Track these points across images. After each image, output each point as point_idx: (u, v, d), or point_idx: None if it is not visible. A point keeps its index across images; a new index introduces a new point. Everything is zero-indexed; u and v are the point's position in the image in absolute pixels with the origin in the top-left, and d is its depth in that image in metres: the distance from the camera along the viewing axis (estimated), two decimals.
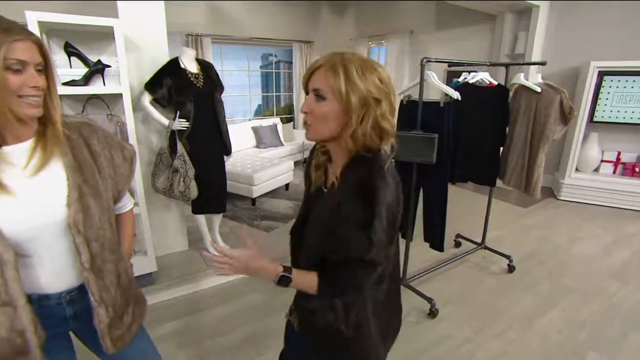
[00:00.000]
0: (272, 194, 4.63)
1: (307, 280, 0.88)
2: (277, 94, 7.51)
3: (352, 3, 7.00)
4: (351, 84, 0.78)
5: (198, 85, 2.44)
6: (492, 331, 2.26)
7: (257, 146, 5.76)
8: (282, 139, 5.98)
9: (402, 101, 2.39)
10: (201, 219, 2.77)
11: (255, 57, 7.16)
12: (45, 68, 0.84)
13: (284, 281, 0.88)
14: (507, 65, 2.73)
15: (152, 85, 2.37)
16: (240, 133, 5.55)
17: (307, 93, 0.85)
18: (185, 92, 2.38)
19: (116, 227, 1.06)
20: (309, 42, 6.93)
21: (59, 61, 2.14)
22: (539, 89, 2.49)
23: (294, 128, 6.70)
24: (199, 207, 2.65)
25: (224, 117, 2.62)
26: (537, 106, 2.52)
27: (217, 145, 2.61)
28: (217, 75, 2.61)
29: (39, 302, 0.92)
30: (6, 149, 0.84)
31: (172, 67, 2.39)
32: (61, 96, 2.20)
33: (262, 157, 4.99)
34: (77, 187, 0.89)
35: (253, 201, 4.29)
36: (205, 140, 2.51)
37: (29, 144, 0.87)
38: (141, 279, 2.41)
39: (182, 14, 5.57)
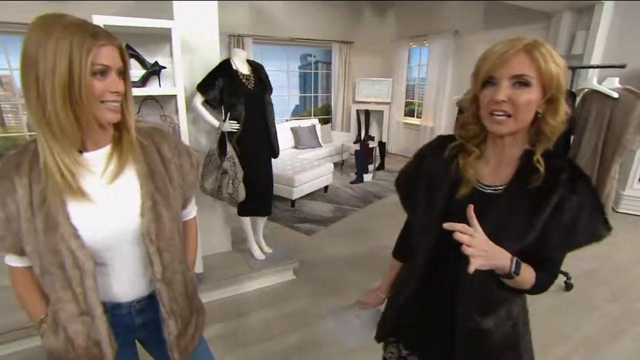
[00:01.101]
0: (311, 196, 4.59)
1: (528, 272, 0.79)
2: (315, 94, 7.48)
3: (394, 3, 6.84)
4: (558, 69, 0.74)
5: (249, 86, 2.42)
6: (555, 355, 2.08)
7: (295, 147, 5.75)
8: (320, 140, 5.92)
9: (459, 107, 2.25)
10: (246, 220, 2.75)
11: (295, 57, 7.16)
12: (123, 72, 0.82)
13: (518, 267, 0.76)
14: (573, 69, 2.52)
15: (204, 87, 2.37)
16: (279, 133, 5.54)
17: (483, 83, 0.78)
18: (236, 93, 2.37)
19: (182, 236, 1.03)
20: (349, 43, 6.84)
21: None
22: (616, 95, 2.26)
23: (332, 129, 6.62)
24: (245, 209, 2.63)
25: (273, 118, 2.59)
26: (612, 113, 2.29)
27: (265, 148, 2.59)
28: (267, 76, 2.58)
29: (112, 311, 0.91)
30: (87, 155, 0.82)
31: (224, 68, 2.38)
32: None
33: (302, 158, 4.96)
34: (150, 195, 0.87)
35: (292, 203, 4.26)
36: (254, 142, 2.49)
37: (106, 150, 0.85)
38: None
39: (225, 15, 5.62)
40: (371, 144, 5.60)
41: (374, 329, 1.13)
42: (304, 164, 4.60)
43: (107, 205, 0.83)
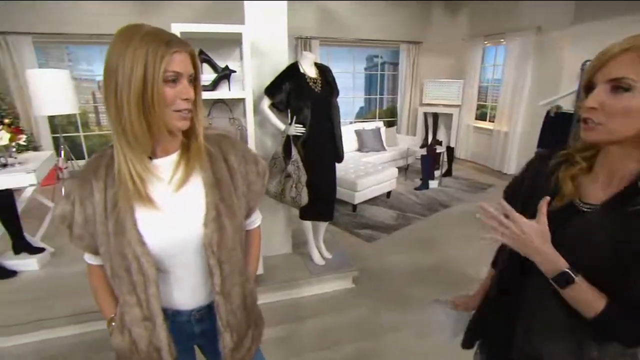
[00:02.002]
0: (374, 201, 4.46)
1: (592, 296, 0.69)
2: (380, 96, 7.31)
3: (469, 2, 6.42)
4: None
5: (316, 90, 2.38)
6: None
7: (359, 150, 5.65)
8: (384, 144, 5.76)
9: (547, 113, 1.99)
10: (307, 224, 2.73)
11: (360, 58, 7.07)
12: (194, 79, 0.80)
13: (564, 278, 0.69)
14: None
15: (271, 90, 2.38)
16: (342, 136, 5.49)
17: (587, 88, 0.69)
18: (303, 97, 2.35)
19: (245, 247, 1.01)
20: (418, 43, 6.58)
21: None
22: None
23: (397, 132, 6.41)
24: (307, 213, 2.61)
25: (339, 122, 2.53)
26: None
27: (330, 152, 2.54)
28: (334, 79, 2.52)
29: (173, 318, 0.91)
30: (156, 161, 0.83)
31: (292, 71, 2.37)
32: None
33: (365, 162, 4.85)
34: (215, 205, 0.85)
35: (354, 207, 4.18)
36: (319, 146, 2.45)
37: (174, 157, 0.85)
38: None
39: (292, 17, 5.72)
40: (438, 149, 5.30)
41: (460, 333, 1.09)
42: (367, 167, 4.49)
43: (172, 213, 0.82)
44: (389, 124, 6.77)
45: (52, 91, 3.70)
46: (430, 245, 3.41)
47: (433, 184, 5.09)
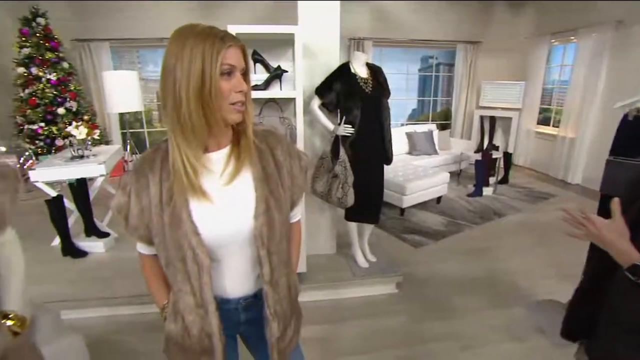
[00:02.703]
0: (423, 206, 4.33)
1: None
2: (434, 98, 7.08)
3: None
4: None
5: (367, 90, 2.37)
6: None
7: (409, 152, 5.51)
8: (437, 147, 5.57)
9: (625, 116, 1.80)
10: (352, 226, 2.71)
11: (414, 59, 6.90)
12: (245, 73, 0.83)
13: (637, 270, 0.78)
14: None
15: (322, 90, 2.40)
16: (393, 137, 5.40)
17: None
18: (353, 97, 2.34)
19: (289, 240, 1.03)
20: (476, 43, 6.28)
21: None
22: None
23: (450, 136, 6.17)
24: (352, 214, 2.59)
25: (389, 124, 2.49)
26: None
27: (379, 154, 2.50)
28: (386, 79, 2.49)
29: (221, 305, 0.93)
30: (209, 155, 0.86)
31: (343, 72, 2.37)
32: None
33: (415, 165, 4.72)
34: (265, 199, 0.87)
35: (402, 211, 4.08)
36: (368, 147, 2.43)
37: (226, 151, 0.88)
38: None
39: (346, 18, 5.71)
40: (495, 154, 5.02)
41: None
42: (417, 171, 4.37)
43: (223, 206, 0.85)
44: (442, 127, 6.53)
45: (123, 91, 4.05)
46: (481, 255, 3.24)
47: (487, 191, 4.82)
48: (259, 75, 2.35)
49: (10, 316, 0.84)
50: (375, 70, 2.46)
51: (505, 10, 6.27)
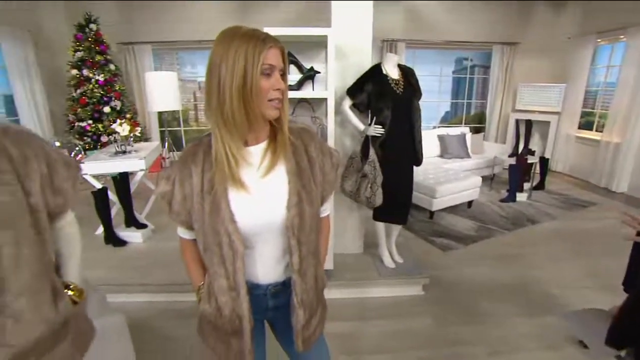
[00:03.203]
0: (453, 209, 4.26)
1: None
2: (468, 101, 6.93)
3: None
4: None
5: (397, 91, 2.38)
6: None
7: (441, 155, 5.43)
8: (469, 151, 5.45)
9: None
10: (380, 226, 2.73)
11: (448, 61, 6.79)
12: (284, 72, 0.89)
13: None
14: None
15: (353, 91, 2.44)
16: (424, 140, 5.32)
17: None
18: (384, 98, 2.36)
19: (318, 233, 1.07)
20: (513, 44, 6.09)
21: None
22: None
23: (484, 140, 6.02)
24: (380, 214, 2.61)
25: (420, 125, 2.49)
26: None
27: (409, 155, 2.50)
28: (417, 81, 2.49)
29: (252, 289, 0.99)
30: (248, 149, 0.92)
31: (374, 73, 2.40)
32: None
33: (446, 168, 4.65)
34: (297, 192, 0.92)
35: (431, 214, 4.04)
36: (398, 148, 2.44)
37: (263, 146, 0.94)
38: None
39: (379, 20, 5.73)
40: (530, 159, 4.85)
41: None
42: (448, 174, 4.31)
43: (259, 197, 0.91)
44: (476, 131, 6.38)
45: (163, 91, 4.25)
46: (512, 262, 3.15)
47: (521, 196, 4.67)
48: (292, 76, 2.42)
49: (70, 287, 0.94)
50: (406, 72, 2.46)
51: (546, 10, 6.05)
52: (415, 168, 2.59)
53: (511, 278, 2.89)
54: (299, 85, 2.34)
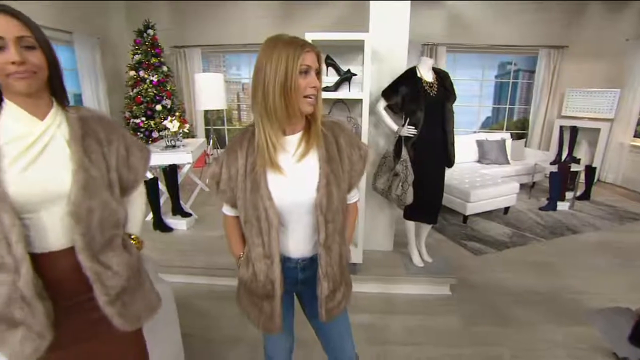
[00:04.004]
0: (488, 215, 4.20)
1: None
2: (511, 106, 6.73)
3: None
4: None
5: (431, 94, 2.44)
6: None
7: (478, 161, 5.35)
8: (509, 157, 5.32)
9: None
10: (410, 225, 2.79)
11: (491, 65, 6.64)
12: (318, 73, 1.03)
13: None
14: None
15: (388, 93, 2.53)
16: (462, 145, 5.29)
17: None
18: (417, 100, 2.43)
19: (345, 215, 1.19)
20: (562, 48, 5.86)
21: None
22: None
23: (525, 146, 5.84)
24: (411, 213, 2.68)
25: (453, 127, 2.53)
26: None
27: (441, 156, 2.55)
28: (452, 84, 2.53)
29: (284, 262, 1.13)
30: (286, 137, 1.07)
31: (409, 76, 2.47)
32: None
33: (483, 173, 4.58)
34: (326, 176, 1.05)
35: (465, 218, 4.01)
36: (430, 149, 2.49)
37: (299, 135, 1.08)
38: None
39: (420, 24, 5.76)
40: (574, 167, 4.66)
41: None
42: (484, 179, 4.25)
43: (293, 179, 1.06)
44: (518, 137, 6.20)
45: (210, 91, 4.55)
46: (547, 270, 3.08)
47: (563, 205, 4.50)
48: (331, 77, 2.56)
49: (132, 237, 1.14)
50: (441, 75, 2.52)
51: (601, 12, 5.75)
52: (450, 172, 2.63)
53: (544, 286, 2.83)
54: (336, 87, 2.47)
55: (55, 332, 0.93)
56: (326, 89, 2.46)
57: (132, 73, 5.45)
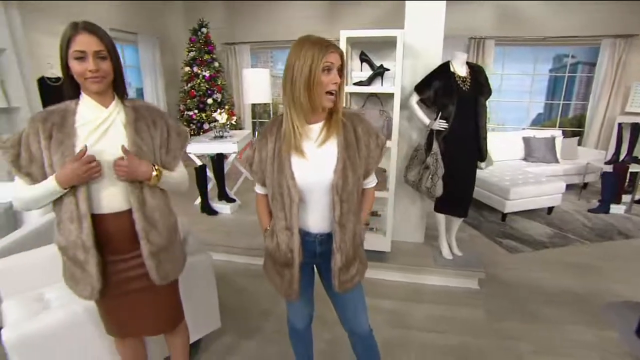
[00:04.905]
0: (529, 214, 4.07)
1: None
2: (566, 102, 6.33)
3: None
4: None
5: (464, 88, 2.46)
6: None
7: (524, 158, 5.15)
8: (558, 155, 5.06)
9: None
10: (440, 218, 2.83)
11: (545, 58, 6.28)
12: (341, 70, 1.16)
13: None
14: None
15: (420, 87, 2.58)
16: (507, 141, 5.12)
17: None
18: (449, 94, 2.46)
19: (360, 198, 1.33)
20: (629, 37, 5.39)
21: (354, 66, 2.70)
22: None
23: (579, 144, 5.50)
24: (440, 206, 2.72)
25: (485, 122, 2.53)
26: None
27: (472, 150, 2.56)
28: (487, 79, 2.53)
29: (304, 236, 1.29)
30: (309, 126, 1.22)
31: (442, 70, 2.51)
32: (351, 93, 2.77)
33: (527, 171, 4.42)
34: (343, 160, 1.20)
35: (503, 216, 3.93)
36: (461, 142, 2.52)
37: (321, 124, 1.23)
38: (375, 254, 2.77)
39: (468, 17, 5.61)
40: (634, 168, 4.34)
41: None
42: (527, 177, 4.12)
43: (314, 162, 1.21)
44: (573, 134, 5.84)
45: (257, 85, 4.80)
46: (588, 272, 2.96)
47: (616, 208, 4.22)
48: (365, 72, 2.67)
49: (156, 167, 1.27)
50: (475, 70, 2.53)
51: None
52: (491, 169, 2.64)
53: (582, 288, 2.74)
54: (369, 81, 2.57)
55: (104, 281, 1.23)
56: (360, 83, 2.57)
57: (187, 69, 5.89)
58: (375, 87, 2.57)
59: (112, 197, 1.19)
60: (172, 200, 1.41)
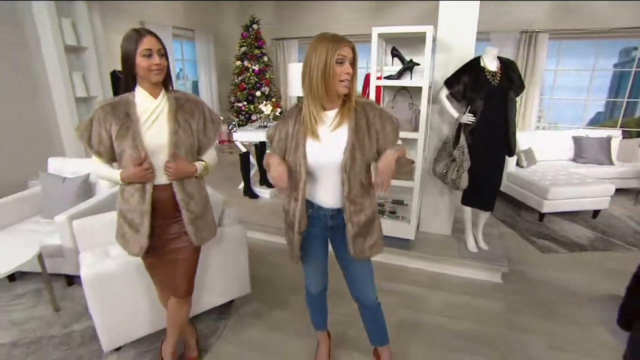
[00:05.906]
0: (571, 216, 3.92)
1: None
2: (633, 100, 5.85)
3: None
4: None
5: (493, 83, 2.49)
6: None
7: (573, 159, 4.90)
8: (613, 157, 4.76)
9: None
10: (467, 210, 2.88)
11: (608, 53, 5.84)
12: (353, 62, 1.32)
13: None
14: None
15: (450, 81, 2.65)
16: (554, 141, 4.90)
17: None
18: (478, 89, 2.50)
19: (369, 175, 1.49)
20: None
21: (386, 61, 2.83)
22: None
23: None
24: (467, 199, 2.78)
25: (514, 117, 2.54)
26: None
27: (500, 144, 2.58)
28: (519, 75, 2.53)
29: (317, 210, 1.49)
30: (325, 112, 1.40)
31: (472, 65, 2.56)
32: (383, 87, 2.90)
33: (573, 172, 4.23)
34: (352, 143, 1.36)
35: (541, 216, 3.83)
36: (488, 136, 2.55)
37: (335, 111, 1.40)
38: (399, 242, 2.88)
39: (520, 10, 5.40)
40: None
41: None
42: (571, 178, 3.96)
43: (326, 144, 1.38)
44: (637, 135, 5.42)
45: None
46: (625, 278, 2.83)
47: None
48: (396, 67, 2.78)
49: (204, 162, 1.64)
50: (506, 65, 2.54)
51: None
52: (533, 167, 2.64)
53: (615, 292, 2.64)
54: (399, 75, 2.68)
55: (150, 241, 1.52)
56: (390, 77, 2.69)
57: (238, 63, 6.30)
58: (405, 81, 2.68)
59: (160, 173, 1.48)
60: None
